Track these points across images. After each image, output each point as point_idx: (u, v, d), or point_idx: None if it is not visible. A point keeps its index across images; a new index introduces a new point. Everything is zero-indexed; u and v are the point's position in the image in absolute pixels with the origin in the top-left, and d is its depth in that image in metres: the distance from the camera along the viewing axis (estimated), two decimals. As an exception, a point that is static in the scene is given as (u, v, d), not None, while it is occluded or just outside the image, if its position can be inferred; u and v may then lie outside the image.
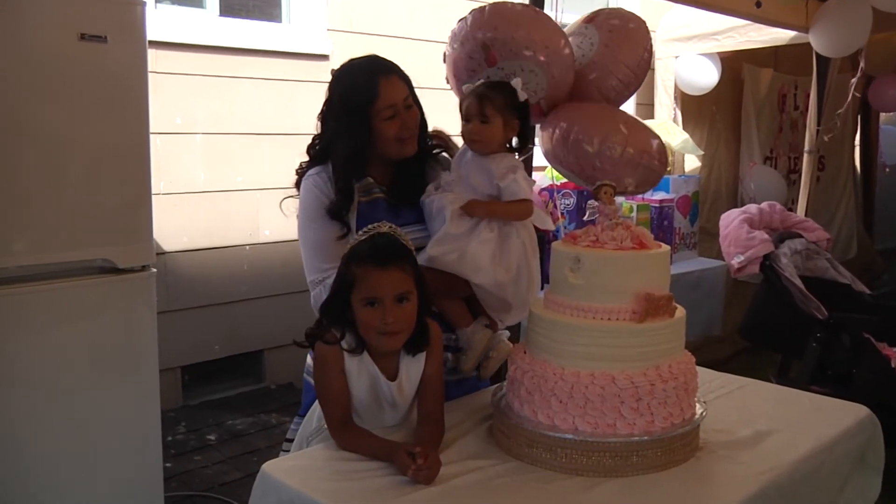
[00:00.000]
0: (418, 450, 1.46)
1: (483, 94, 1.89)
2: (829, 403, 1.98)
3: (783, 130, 5.65)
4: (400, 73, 1.91)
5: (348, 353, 1.62)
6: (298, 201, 1.93)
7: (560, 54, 2.20)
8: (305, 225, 1.90)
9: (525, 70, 2.12)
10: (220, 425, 3.54)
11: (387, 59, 1.92)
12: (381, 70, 1.88)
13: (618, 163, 2.22)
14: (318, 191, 1.87)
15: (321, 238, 1.86)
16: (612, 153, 2.19)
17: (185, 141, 3.58)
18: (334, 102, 1.90)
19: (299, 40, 3.90)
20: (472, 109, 1.88)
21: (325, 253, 1.84)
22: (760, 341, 3.58)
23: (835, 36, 3.84)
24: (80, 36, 2.18)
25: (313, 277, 1.87)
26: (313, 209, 1.87)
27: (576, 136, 2.26)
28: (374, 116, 1.84)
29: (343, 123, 1.86)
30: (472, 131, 1.89)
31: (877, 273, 6.03)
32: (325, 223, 1.85)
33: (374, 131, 1.85)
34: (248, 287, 3.71)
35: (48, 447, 2.23)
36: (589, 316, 1.59)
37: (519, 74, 2.05)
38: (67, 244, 2.24)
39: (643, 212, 4.06)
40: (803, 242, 3.31)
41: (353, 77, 1.89)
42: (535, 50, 2.13)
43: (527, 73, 2.12)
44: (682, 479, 1.54)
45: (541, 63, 2.14)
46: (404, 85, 1.90)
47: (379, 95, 1.83)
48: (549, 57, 2.15)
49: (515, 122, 1.92)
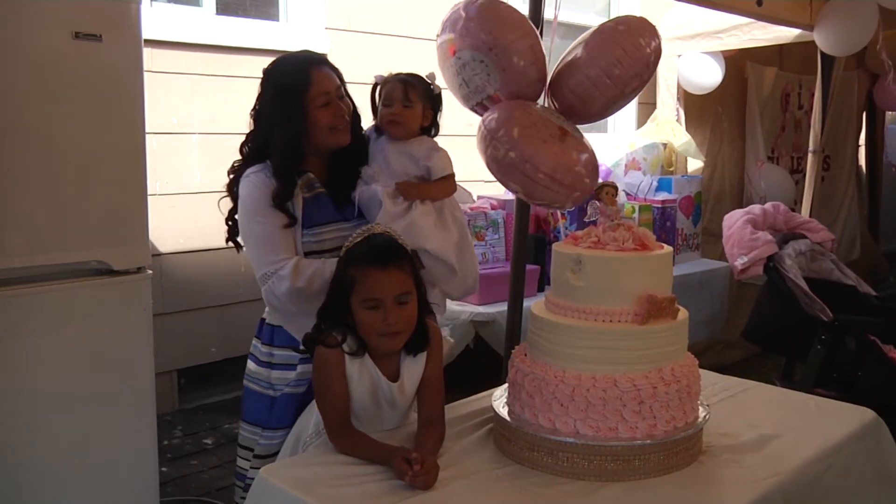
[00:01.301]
0: (415, 455, 1.46)
1: (406, 80, 2.00)
2: (835, 406, 1.97)
3: (786, 130, 5.62)
4: (331, 65, 1.99)
5: (349, 356, 1.60)
6: (239, 201, 1.94)
7: (515, 48, 2.03)
8: (251, 220, 1.91)
9: (475, 60, 2.07)
10: (216, 429, 3.52)
11: (318, 53, 2.02)
12: (314, 61, 1.97)
13: (501, 163, 2.04)
14: (261, 186, 1.90)
15: (268, 230, 1.88)
16: (495, 152, 2.06)
17: (182, 141, 3.56)
18: (269, 95, 1.95)
19: (297, 39, 3.87)
20: (397, 93, 1.99)
21: (273, 244, 1.88)
22: (764, 344, 3.55)
23: (840, 34, 3.81)
24: (74, 35, 2.17)
25: (265, 271, 1.88)
26: (258, 203, 1.89)
27: (486, 125, 2.09)
28: (309, 103, 1.90)
29: (279, 112, 1.91)
30: (394, 114, 1.99)
31: (882, 275, 6.00)
32: (271, 214, 1.88)
33: (310, 119, 1.91)
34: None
35: (43, 451, 2.21)
36: (590, 318, 1.58)
37: (470, 65, 2.03)
38: (61, 245, 2.22)
39: (645, 213, 4.04)
40: (808, 243, 3.28)
41: (286, 68, 1.96)
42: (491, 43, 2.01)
43: (477, 63, 2.08)
44: (684, 483, 1.53)
45: (491, 56, 2.02)
46: (336, 77, 1.97)
47: (312, 83, 1.90)
48: (501, 51, 2.01)
49: (430, 112, 2.04)
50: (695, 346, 1.74)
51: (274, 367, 1.99)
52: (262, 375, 2.01)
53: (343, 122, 1.96)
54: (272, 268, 1.86)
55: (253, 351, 2.06)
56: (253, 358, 2.06)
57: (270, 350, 2.00)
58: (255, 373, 2.04)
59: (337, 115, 1.94)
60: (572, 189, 1.94)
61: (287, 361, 1.97)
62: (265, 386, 2.01)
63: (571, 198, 1.97)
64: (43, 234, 2.18)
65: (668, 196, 4.27)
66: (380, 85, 2.03)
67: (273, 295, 1.88)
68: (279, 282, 1.85)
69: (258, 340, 2.05)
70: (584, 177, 1.93)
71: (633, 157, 4.62)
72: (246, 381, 2.06)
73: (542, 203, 2.05)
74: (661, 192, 4.33)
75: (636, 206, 4.04)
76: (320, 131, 1.93)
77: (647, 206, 4.08)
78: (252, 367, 2.05)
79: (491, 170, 1.99)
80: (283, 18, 3.98)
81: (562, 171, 1.89)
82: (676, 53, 4.91)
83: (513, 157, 1.92)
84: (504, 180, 2.00)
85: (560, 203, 2.01)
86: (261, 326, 2.05)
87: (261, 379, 2.02)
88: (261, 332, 2.05)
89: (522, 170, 1.92)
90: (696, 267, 4.27)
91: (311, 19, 3.95)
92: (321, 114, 1.91)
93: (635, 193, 4.31)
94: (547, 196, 1.96)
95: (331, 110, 1.92)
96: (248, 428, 2.05)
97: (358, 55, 3.93)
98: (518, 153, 1.89)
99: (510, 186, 2.03)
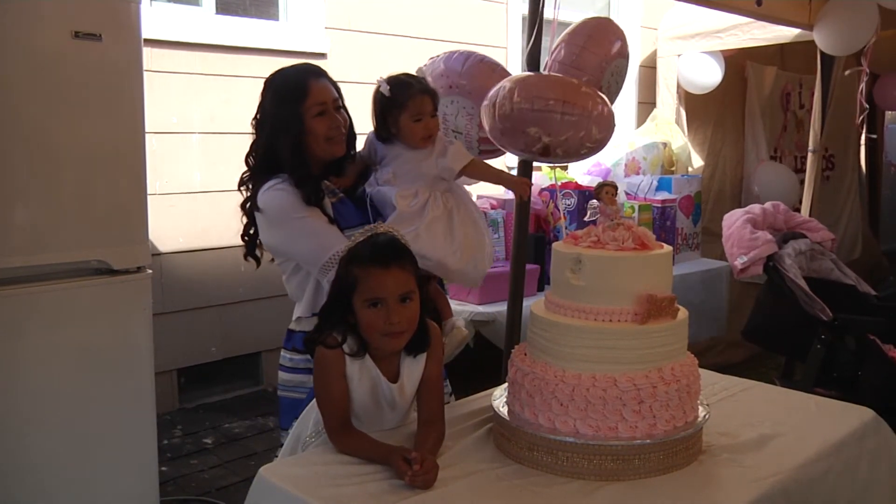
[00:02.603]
0: (414, 455, 1.45)
1: (429, 91, 1.98)
2: (835, 406, 1.97)
3: (787, 129, 5.61)
4: (328, 78, 2.00)
5: (350, 356, 1.60)
6: (265, 214, 1.92)
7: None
8: (290, 220, 1.89)
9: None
10: (216, 429, 3.52)
11: (317, 65, 2.02)
12: (312, 72, 1.98)
13: (511, 117, 2.10)
14: (290, 191, 1.89)
15: (315, 223, 1.88)
16: (502, 109, 2.06)
17: (181, 140, 3.56)
18: (268, 104, 1.96)
19: (297, 39, 3.88)
20: (428, 107, 1.95)
21: (326, 232, 1.88)
22: (764, 343, 3.55)
23: (839, 34, 3.80)
24: (74, 34, 2.17)
25: (328, 256, 1.83)
26: (294, 205, 1.88)
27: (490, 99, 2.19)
28: (305, 112, 1.91)
29: (278, 122, 1.92)
30: (430, 128, 1.96)
31: (883, 274, 5.99)
32: (311, 211, 1.88)
33: (306, 128, 1.92)
34: (244, 289, 3.68)
35: (42, 451, 2.21)
36: (590, 317, 1.58)
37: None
38: (62, 245, 2.22)
39: (645, 212, 4.04)
40: (808, 243, 3.28)
41: (284, 79, 1.97)
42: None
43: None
44: (684, 483, 1.52)
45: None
46: (333, 89, 1.99)
47: (310, 93, 1.92)
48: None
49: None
50: (695, 345, 1.73)
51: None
52: (302, 381, 1.98)
53: (339, 132, 1.97)
54: (335, 251, 1.82)
55: (283, 363, 2.04)
56: (286, 369, 2.03)
57: (306, 357, 1.94)
58: (291, 381, 2.01)
59: (332, 126, 1.94)
60: (588, 110, 1.95)
61: None
62: (303, 391, 1.97)
63: (593, 119, 1.97)
64: (43, 234, 2.18)
65: (668, 195, 4.27)
66: (386, 92, 1.94)
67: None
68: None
69: (289, 351, 2.02)
70: (593, 97, 1.95)
71: (633, 157, 4.61)
72: (282, 392, 2.03)
73: (565, 147, 2.04)
74: (661, 192, 4.32)
75: (636, 205, 4.04)
76: (316, 140, 1.93)
77: (647, 205, 4.08)
78: (286, 377, 2.02)
79: (503, 136, 1.99)
80: (283, 18, 3.98)
81: (571, 93, 1.91)
82: (676, 53, 4.91)
83: (519, 102, 2.01)
84: (516, 140, 2.00)
85: (585, 131, 2.01)
86: (289, 336, 2.02)
87: (299, 385, 1.99)
88: (290, 341, 2.02)
89: (532, 107, 1.95)
90: (696, 266, 4.27)
91: (311, 19, 3.95)
92: (317, 123, 1.92)
93: (635, 193, 4.31)
94: (566, 127, 1.96)
95: (326, 121, 1.93)
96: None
97: (358, 55, 3.93)
98: (523, 94, 1.99)
99: (529, 139, 2.01)
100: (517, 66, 4.50)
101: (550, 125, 2.05)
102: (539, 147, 2.13)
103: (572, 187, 3.77)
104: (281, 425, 2.06)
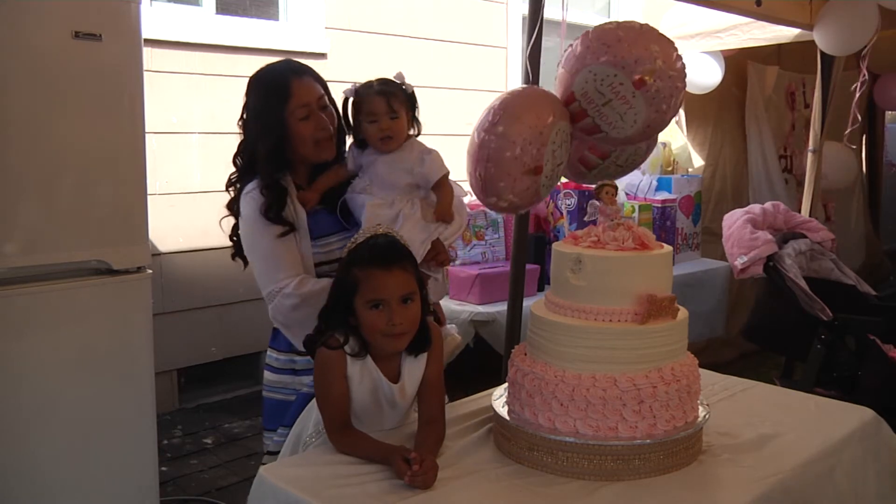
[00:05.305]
0: (414, 455, 1.46)
1: (385, 91, 1.91)
2: (835, 406, 1.97)
3: (796, 128, 5.59)
4: (314, 74, 1.94)
5: (351, 357, 1.61)
6: (241, 220, 1.91)
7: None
8: (251, 239, 1.89)
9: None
10: (216, 429, 3.52)
11: (301, 63, 1.96)
12: (294, 71, 1.92)
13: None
14: (254, 203, 1.87)
15: (268, 246, 1.86)
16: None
17: (181, 140, 3.56)
18: (251, 107, 1.93)
19: (297, 39, 3.88)
20: (380, 107, 1.89)
21: (276, 261, 1.85)
22: (764, 343, 3.55)
23: (840, 34, 3.80)
24: (74, 34, 2.17)
25: (270, 288, 1.85)
26: (256, 222, 1.86)
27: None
28: (289, 116, 1.87)
29: (260, 125, 1.89)
30: (384, 129, 1.90)
31: (884, 274, 5.99)
32: (266, 229, 1.85)
33: (291, 131, 1.88)
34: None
35: (42, 451, 2.21)
36: (590, 317, 1.58)
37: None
38: (61, 245, 2.21)
39: (645, 212, 4.04)
40: (808, 243, 3.28)
41: (267, 80, 1.92)
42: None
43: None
44: (684, 482, 1.52)
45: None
46: (318, 85, 1.93)
47: (292, 95, 1.87)
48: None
49: (410, 113, 1.96)
50: (694, 345, 1.73)
51: (299, 372, 1.95)
52: (286, 383, 1.97)
53: (326, 134, 1.92)
54: (276, 286, 1.83)
55: (269, 361, 2.01)
56: (271, 368, 2.01)
57: (291, 357, 1.96)
58: (276, 382, 1.99)
59: (319, 128, 1.90)
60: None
61: (312, 365, 1.94)
62: (288, 392, 1.96)
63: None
64: (43, 234, 2.18)
65: (668, 195, 4.27)
66: (352, 98, 1.94)
67: (279, 312, 1.85)
68: (285, 299, 1.82)
69: (274, 351, 2.00)
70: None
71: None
72: (266, 393, 2.01)
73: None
74: (661, 192, 4.33)
75: (636, 205, 4.04)
76: (304, 144, 1.89)
77: (647, 205, 4.08)
78: (272, 377, 2.00)
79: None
80: (283, 18, 3.98)
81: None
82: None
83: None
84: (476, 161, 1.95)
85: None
86: (275, 335, 2.00)
87: (283, 387, 1.98)
88: (275, 341, 2.00)
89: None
90: (696, 266, 4.27)
91: (311, 19, 3.95)
92: (302, 127, 1.88)
93: (635, 193, 4.31)
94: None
95: (311, 123, 1.88)
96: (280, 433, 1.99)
97: (358, 55, 3.93)
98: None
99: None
100: (517, 66, 4.50)
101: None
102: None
103: (572, 187, 3.77)
104: (264, 426, 2.03)
